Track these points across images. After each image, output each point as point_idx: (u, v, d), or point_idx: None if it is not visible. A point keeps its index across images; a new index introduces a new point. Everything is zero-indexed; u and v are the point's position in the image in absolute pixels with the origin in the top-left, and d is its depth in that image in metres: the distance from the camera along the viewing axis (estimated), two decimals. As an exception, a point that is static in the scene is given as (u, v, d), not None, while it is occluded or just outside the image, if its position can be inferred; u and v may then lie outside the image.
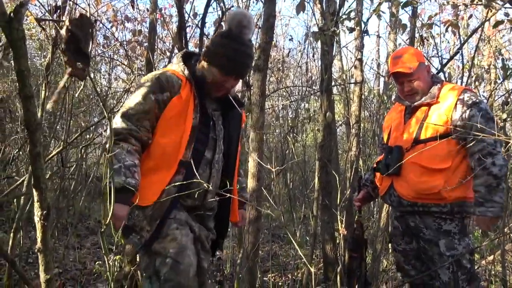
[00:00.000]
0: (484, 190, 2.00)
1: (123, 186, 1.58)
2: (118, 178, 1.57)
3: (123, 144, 1.66)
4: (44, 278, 0.83)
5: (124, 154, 1.64)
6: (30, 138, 0.78)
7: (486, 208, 2.00)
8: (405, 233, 2.34)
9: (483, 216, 2.01)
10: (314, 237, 2.90)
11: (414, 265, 2.33)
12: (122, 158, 1.63)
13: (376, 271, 3.01)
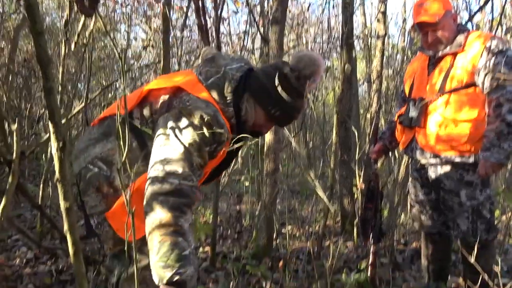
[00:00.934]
0: (494, 135, 1.94)
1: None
2: (189, 269, 1.25)
3: (189, 215, 1.33)
4: (64, 206, 0.88)
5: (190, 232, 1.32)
6: (43, 73, 0.81)
7: (491, 153, 1.95)
8: (424, 185, 2.34)
9: (485, 160, 1.97)
10: (331, 191, 2.94)
11: (431, 216, 2.34)
12: (190, 240, 1.30)
13: (392, 223, 3.04)
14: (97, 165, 1.54)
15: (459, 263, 3.21)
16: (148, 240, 1.28)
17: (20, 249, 3.26)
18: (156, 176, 1.31)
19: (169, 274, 1.22)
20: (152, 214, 1.27)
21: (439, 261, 2.42)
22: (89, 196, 1.55)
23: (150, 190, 1.31)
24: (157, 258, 1.24)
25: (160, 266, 1.23)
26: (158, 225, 1.26)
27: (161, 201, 1.28)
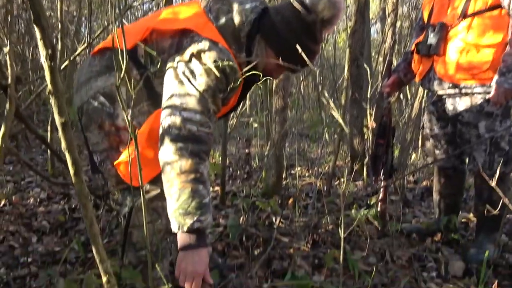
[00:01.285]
0: (511, 60, 1.82)
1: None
2: (209, 216, 1.25)
3: (208, 162, 1.30)
4: (59, 121, 0.82)
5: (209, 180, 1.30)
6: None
7: (506, 78, 1.83)
8: (441, 118, 2.24)
9: (499, 86, 1.84)
10: (342, 130, 2.86)
11: (446, 150, 2.27)
12: (209, 187, 1.29)
13: (403, 161, 3.00)
14: (99, 100, 1.47)
15: (469, 200, 3.20)
16: (167, 186, 1.25)
17: (34, 189, 3.31)
18: (174, 122, 1.26)
19: (189, 222, 1.20)
20: (171, 161, 1.23)
21: (451, 196, 2.39)
22: (91, 132, 1.50)
23: (167, 137, 1.26)
24: (176, 205, 1.21)
25: (180, 213, 1.21)
26: (178, 172, 1.22)
27: (180, 147, 1.23)
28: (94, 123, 1.47)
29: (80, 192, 0.93)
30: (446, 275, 1.97)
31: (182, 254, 1.24)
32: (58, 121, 0.83)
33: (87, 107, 1.48)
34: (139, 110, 1.47)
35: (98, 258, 1.02)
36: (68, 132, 0.84)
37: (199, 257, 1.23)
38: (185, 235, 1.23)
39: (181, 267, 1.23)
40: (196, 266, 1.22)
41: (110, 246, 2.12)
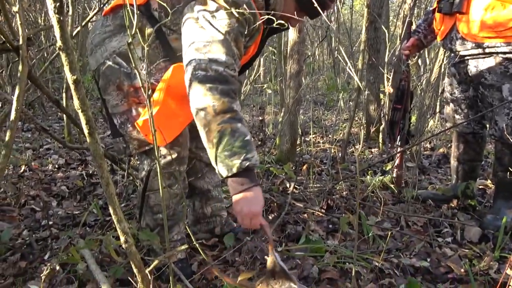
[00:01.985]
0: None
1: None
2: (254, 153, 1.18)
3: (238, 101, 1.26)
4: (71, 79, 0.81)
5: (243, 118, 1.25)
6: None
7: None
8: (462, 81, 2.16)
9: None
10: (358, 92, 2.80)
11: (467, 115, 2.20)
12: (246, 125, 1.23)
13: (421, 127, 2.93)
14: (116, 61, 1.44)
15: (488, 166, 3.14)
16: (205, 134, 1.18)
17: (52, 156, 3.38)
18: (199, 65, 1.20)
19: (238, 162, 1.13)
20: (204, 105, 1.17)
21: (469, 162, 2.34)
22: (109, 94, 1.48)
23: (194, 82, 1.20)
24: (220, 149, 1.15)
25: (226, 156, 1.14)
26: (213, 114, 1.16)
27: (210, 88, 1.17)
28: (112, 85, 1.46)
29: (95, 153, 0.92)
30: (461, 240, 1.95)
31: (236, 198, 1.18)
32: (70, 79, 0.82)
33: (104, 68, 1.46)
34: (155, 67, 1.44)
35: (115, 219, 1.03)
36: (80, 90, 0.83)
37: (253, 197, 1.17)
38: (235, 178, 1.16)
39: (237, 210, 1.18)
40: (251, 207, 1.16)
41: (128, 210, 2.16)
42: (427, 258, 1.75)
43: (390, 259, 1.71)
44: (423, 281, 1.55)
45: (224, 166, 1.16)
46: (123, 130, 1.51)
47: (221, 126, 1.15)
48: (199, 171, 1.83)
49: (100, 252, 1.70)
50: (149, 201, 1.58)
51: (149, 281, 1.17)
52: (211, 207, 1.88)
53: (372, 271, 1.59)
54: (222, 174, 1.18)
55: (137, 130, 1.47)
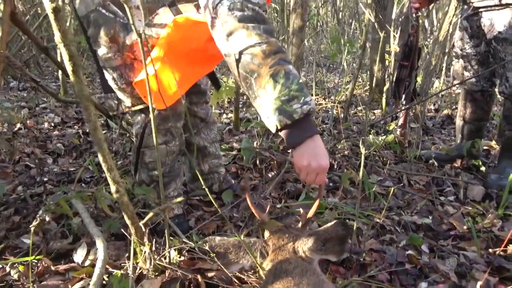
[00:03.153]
0: None
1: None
2: (311, 97, 1.03)
3: None
4: (51, 8, 0.73)
5: None
6: None
7: None
8: (474, 35, 2.05)
9: None
10: (363, 50, 2.68)
11: (477, 71, 2.11)
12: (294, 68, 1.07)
13: (426, 87, 2.84)
14: (110, 9, 1.31)
15: (493, 128, 3.08)
16: (253, 81, 1.03)
17: (48, 115, 3.31)
18: (233, 3, 1.04)
19: (298, 106, 0.98)
20: (249, 48, 1.01)
21: (476, 121, 2.27)
22: (102, 46, 1.35)
23: (231, 23, 1.03)
24: (275, 94, 0.99)
25: (284, 101, 0.99)
26: (262, 56, 1.00)
27: (253, 27, 1.02)
28: (105, 36, 1.32)
29: (80, 93, 0.85)
30: (464, 199, 1.92)
31: (300, 150, 1.02)
32: (49, 8, 0.73)
33: (96, 16, 1.32)
34: (155, 18, 1.32)
35: (105, 167, 0.98)
36: (61, 20, 0.75)
37: (318, 147, 1.03)
38: (295, 126, 1.01)
39: (303, 165, 1.03)
40: (320, 160, 1.02)
41: (124, 167, 2.12)
42: (429, 215, 1.71)
43: (391, 217, 1.68)
44: (424, 238, 1.52)
45: (282, 113, 0.99)
46: (116, 86, 1.41)
47: (273, 69, 1.00)
48: (194, 126, 1.76)
49: (96, 207, 1.66)
50: (144, 158, 1.52)
51: (143, 233, 1.13)
52: (208, 164, 1.83)
53: (373, 228, 1.56)
54: (279, 124, 1.00)
55: (131, 88, 1.38)
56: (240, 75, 1.04)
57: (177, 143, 1.54)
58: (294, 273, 0.92)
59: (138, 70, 1.35)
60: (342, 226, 0.95)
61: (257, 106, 1.04)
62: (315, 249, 0.96)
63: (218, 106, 3.69)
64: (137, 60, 1.35)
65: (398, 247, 1.42)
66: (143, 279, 1.16)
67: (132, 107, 1.45)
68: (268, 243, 1.02)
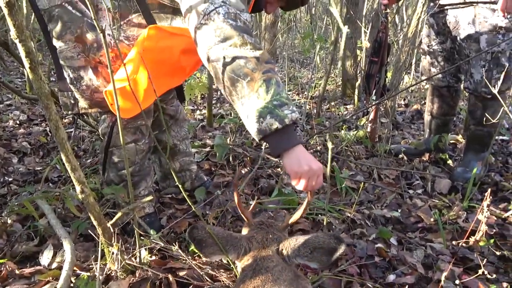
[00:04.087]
0: None
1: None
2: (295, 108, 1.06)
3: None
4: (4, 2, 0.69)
5: None
6: None
7: None
8: (440, 32, 2.10)
9: None
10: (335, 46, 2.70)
11: (443, 67, 2.17)
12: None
13: (396, 82, 2.90)
14: (78, 7, 1.27)
15: (459, 122, 3.18)
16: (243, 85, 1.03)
17: (13, 112, 3.18)
18: (228, 13, 1.07)
19: (289, 112, 1.01)
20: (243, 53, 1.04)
21: (443, 116, 2.33)
22: (64, 43, 1.30)
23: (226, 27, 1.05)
24: (268, 97, 1.01)
25: (276, 106, 1.00)
26: (256, 62, 1.03)
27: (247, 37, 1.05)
28: (70, 34, 1.28)
29: (40, 91, 0.82)
30: (432, 192, 1.98)
31: (291, 156, 1.02)
32: (2, 2, 0.70)
33: (60, 12, 1.27)
34: (127, 23, 1.29)
35: (68, 167, 0.95)
36: (16, 16, 0.72)
37: (306, 153, 1.03)
38: (283, 132, 1.02)
39: (303, 170, 1.01)
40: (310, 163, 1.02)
41: (93, 166, 2.06)
42: (398, 209, 1.76)
43: (362, 211, 1.71)
44: (393, 231, 1.56)
45: (273, 117, 1.00)
46: (74, 86, 1.37)
47: (266, 75, 1.02)
48: (163, 124, 1.73)
49: (63, 207, 1.62)
50: (112, 157, 1.49)
51: (111, 234, 1.11)
52: (179, 162, 1.80)
53: (344, 222, 1.59)
54: (270, 127, 1.00)
55: (91, 91, 1.34)
56: (228, 79, 1.05)
57: (146, 141, 1.51)
58: (274, 270, 0.92)
59: (101, 75, 1.32)
60: (336, 239, 0.96)
61: (244, 109, 1.04)
62: (300, 255, 0.97)
63: (191, 102, 3.66)
64: (102, 65, 1.31)
65: (368, 241, 1.45)
66: (112, 280, 1.14)
67: (88, 109, 1.41)
68: (252, 240, 1.02)
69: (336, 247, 0.95)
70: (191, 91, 2.57)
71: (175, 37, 1.27)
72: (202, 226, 1.02)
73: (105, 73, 1.31)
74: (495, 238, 1.48)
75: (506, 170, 2.25)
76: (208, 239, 1.01)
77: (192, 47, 1.16)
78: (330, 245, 0.95)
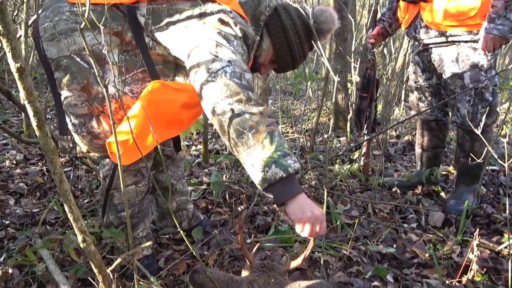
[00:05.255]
0: (501, 5, 1.77)
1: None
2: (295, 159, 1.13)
3: None
4: (15, 67, 0.74)
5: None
6: None
7: (495, 24, 1.79)
8: (426, 69, 2.20)
9: (488, 32, 1.81)
10: (326, 81, 2.79)
11: (430, 103, 2.25)
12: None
13: (387, 115, 2.98)
14: (85, 59, 1.32)
15: (450, 153, 3.25)
16: (249, 136, 1.10)
17: (9, 152, 3.20)
18: (234, 72, 1.17)
19: (292, 163, 1.08)
20: (249, 108, 1.13)
21: (433, 149, 2.40)
22: (70, 91, 1.35)
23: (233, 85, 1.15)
24: (272, 148, 1.08)
25: (280, 156, 1.08)
26: (260, 116, 1.12)
27: (251, 94, 1.17)
28: (76, 83, 1.33)
29: (46, 147, 0.86)
30: (426, 225, 2.00)
31: (295, 204, 1.08)
32: (14, 67, 0.75)
33: (68, 63, 1.32)
34: (132, 77, 1.35)
35: (71, 217, 0.97)
36: (26, 79, 0.76)
37: (308, 201, 1.10)
38: (288, 181, 1.08)
39: (306, 216, 1.07)
40: (312, 210, 1.08)
41: (90, 206, 2.07)
42: (393, 244, 1.78)
43: (358, 247, 1.73)
44: (389, 267, 1.58)
45: (278, 166, 1.06)
46: (75, 131, 1.41)
47: (270, 128, 1.11)
48: (160, 164, 1.77)
49: (61, 251, 1.62)
50: (113, 200, 1.51)
51: (111, 281, 1.12)
52: (176, 202, 1.82)
53: (340, 260, 1.60)
54: (275, 176, 1.06)
55: (91, 137, 1.39)
56: (234, 131, 1.12)
57: (146, 182, 1.54)
58: None
59: (102, 124, 1.37)
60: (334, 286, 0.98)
61: (249, 159, 1.10)
62: None
63: (187, 138, 3.70)
64: (105, 114, 1.36)
65: (364, 279, 1.47)
66: (111, 328, 1.13)
67: (87, 153, 1.46)
68: (254, 285, 1.03)
69: None
70: (187, 129, 2.62)
71: (177, 92, 1.34)
72: (203, 269, 1.04)
73: (106, 122, 1.36)
74: (490, 273, 1.50)
75: (498, 201, 2.29)
76: (209, 283, 1.02)
77: (193, 101, 1.23)
78: None
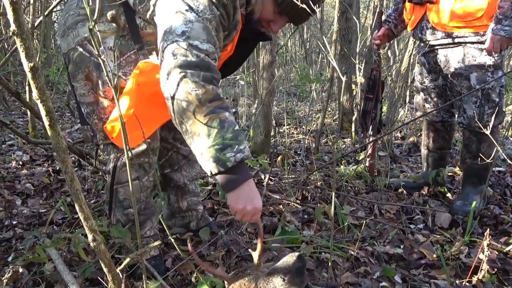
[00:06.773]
0: (508, 6, 1.76)
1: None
2: (245, 143, 1.08)
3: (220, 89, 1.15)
4: (28, 66, 0.75)
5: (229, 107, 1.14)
6: None
7: (502, 26, 1.78)
8: (432, 70, 2.20)
9: (494, 34, 1.80)
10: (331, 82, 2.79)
11: (436, 103, 2.25)
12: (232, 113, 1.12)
13: (392, 117, 2.98)
14: (86, 48, 1.37)
15: (456, 154, 3.23)
16: (188, 127, 1.06)
17: (16, 153, 3.22)
18: (178, 49, 1.08)
19: (232, 155, 1.03)
20: (184, 94, 1.05)
21: (439, 150, 2.39)
22: (78, 82, 1.41)
23: (173, 66, 1.07)
24: (209, 142, 1.04)
25: (217, 150, 1.03)
26: (198, 104, 1.04)
27: (191, 74, 1.05)
28: (81, 73, 1.39)
29: (57, 146, 0.87)
30: (432, 226, 2.00)
31: (233, 195, 1.08)
32: (27, 66, 0.75)
33: (74, 55, 1.39)
34: (126, 60, 1.37)
35: (82, 216, 0.98)
36: (38, 78, 0.77)
37: (251, 191, 1.08)
38: (228, 173, 1.05)
39: (238, 208, 1.09)
40: (254, 202, 1.08)
41: (98, 206, 2.08)
42: (400, 245, 1.77)
43: (365, 248, 1.72)
44: (397, 268, 1.57)
45: (215, 161, 1.04)
46: (89, 120, 1.45)
47: (208, 117, 1.04)
48: (176, 163, 1.77)
49: (69, 251, 1.62)
50: (118, 196, 1.52)
51: (120, 280, 1.12)
52: (187, 201, 1.83)
53: (348, 260, 1.60)
54: (213, 170, 1.05)
55: (102, 124, 1.41)
56: (176, 119, 1.09)
57: (150, 178, 1.54)
58: None
59: (108, 109, 1.40)
60: (297, 258, 0.99)
61: (193, 149, 1.10)
62: (278, 286, 0.99)
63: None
64: (107, 99, 1.39)
65: (372, 279, 1.46)
66: (120, 327, 1.13)
67: (105, 140, 1.47)
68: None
69: (301, 265, 0.98)
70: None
71: None
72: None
73: (111, 107, 1.39)
74: (498, 274, 1.50)
75: (505, 203, 2.28)
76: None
77: None
78: (295, 265, 0.98)
